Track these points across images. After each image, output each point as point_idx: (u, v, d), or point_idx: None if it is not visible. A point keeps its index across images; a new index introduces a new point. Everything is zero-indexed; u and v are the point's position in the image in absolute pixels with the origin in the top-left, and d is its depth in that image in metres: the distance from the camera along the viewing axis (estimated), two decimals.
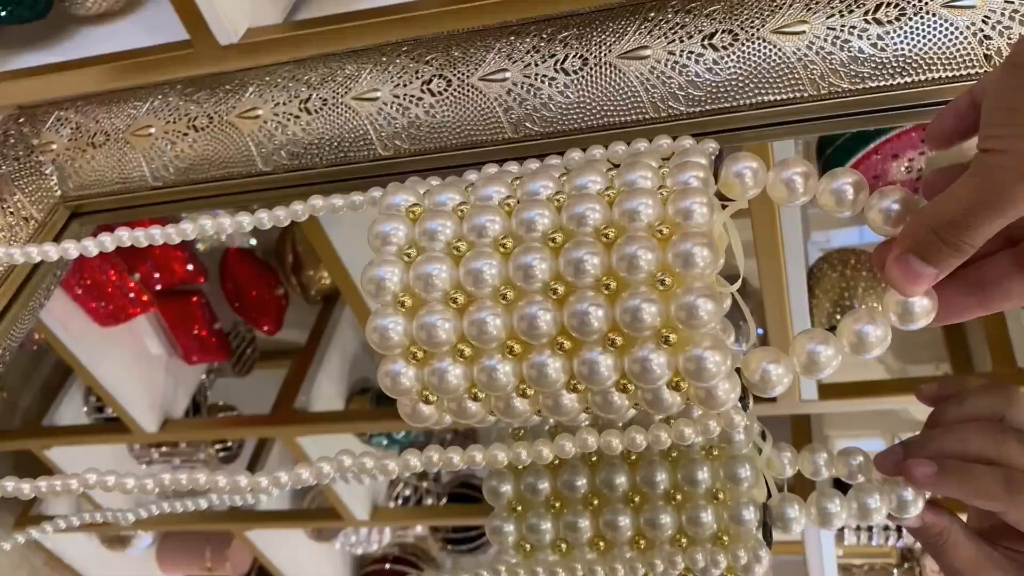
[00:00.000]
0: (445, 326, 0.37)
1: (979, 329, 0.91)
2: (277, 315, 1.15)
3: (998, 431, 0.39)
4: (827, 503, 0.41)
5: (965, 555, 0.40)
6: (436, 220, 0.38)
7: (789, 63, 0.47)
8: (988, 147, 0.29)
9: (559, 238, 0.36)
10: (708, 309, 0.34)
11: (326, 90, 0.55)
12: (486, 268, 0.36)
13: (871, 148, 0.75)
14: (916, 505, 0.40)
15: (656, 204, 0.35)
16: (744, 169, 0.37)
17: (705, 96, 0.49)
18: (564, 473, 0.45)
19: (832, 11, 0.46)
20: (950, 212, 0.31)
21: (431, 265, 0.37)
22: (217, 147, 0.58)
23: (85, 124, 0.61)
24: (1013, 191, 0.29)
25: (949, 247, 0.32)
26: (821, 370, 0.36)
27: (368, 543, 1.44)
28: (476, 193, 0.39)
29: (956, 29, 0.45)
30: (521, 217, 0.37)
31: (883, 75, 0.46)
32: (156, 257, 1.05)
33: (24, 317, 0.60)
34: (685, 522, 0.43)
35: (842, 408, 0.91)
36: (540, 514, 0.45)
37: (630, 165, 0.38)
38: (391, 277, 0.38)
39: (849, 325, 0.36)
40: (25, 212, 0.60)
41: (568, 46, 0.50)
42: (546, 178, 0.39)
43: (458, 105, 0.52)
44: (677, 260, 0.34)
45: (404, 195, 0.40)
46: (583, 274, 0.35)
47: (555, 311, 0.36)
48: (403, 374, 0.38)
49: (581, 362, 0.36)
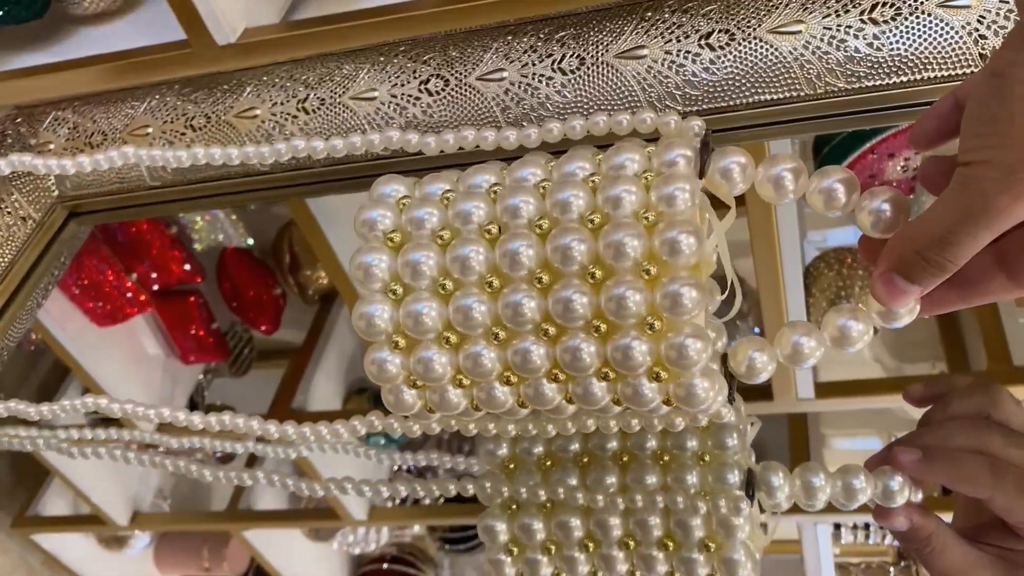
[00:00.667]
0: (431, 313, 0.37)
1: (975, 327, 0.91)
2: (275, 315, 1.15)
3: (982, 426, 0.40)
4: (811, 476, 0.42)
5: (953, 559, 0.40)
6: (423, 208, 0.38)
7: (785, 62, 0.47)
8: (969, 159, 0.29)
9: (545, 225, 0.36)
10: (692, 297, 0.34)
11: (324, 90, 0.55)
12: (472, 255, 0.37)
13: (867, 147, 0.75)
14: (903, 494, 0.40)
15: (639, 190, 0.35)
16: (732, 164, 0.37)
17: (702, 95, 0.49)
18: (556, 473, 0.45)
19: (828, 11, 0.46)
20: (934, 230, 0.31)
21: (418, 252, 0.37)
22: None
23: (82, 124, 0.61)
24: (997, 203, 0.28)
25: (933, 266, 0.31)
26: (804, 360, 0.37)
27: (366, 543, 1.44)
28: (464, 182, 0.39)
29: (951, 29, 0.45)
30: (506, 204, 0.37)
31: (879, 74, 0.46)
32: (154, 257, 1.04)
33: (22, 317, 0.60)
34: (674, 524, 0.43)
35: (838, 407, 0.91)
36: (532, 514, 0.45)
37: (617, 149, 0.38)
38: (379, 264, 0.38)
39: (833, 319, 0.36)
40: (23, 212, 0.60)
41: (565, 46, 0.50)
42: (533, 165, 0.39)
43: (456, 105, 0.52)
44: (663, 248, 0.34)
45: (395, 185, 0.41)
46: (569, 261, 0.35)
47: (540, 298, 0.36)
48: (389, 360, 0.39)
49: (564, 349, 0.36)
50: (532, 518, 0.45)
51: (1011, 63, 0.28)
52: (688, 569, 0.43)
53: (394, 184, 0.41)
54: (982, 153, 0.28)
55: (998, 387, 0.42)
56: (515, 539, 0.46)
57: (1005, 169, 0.28)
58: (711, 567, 0.43)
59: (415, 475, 1.34)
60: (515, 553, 0.46)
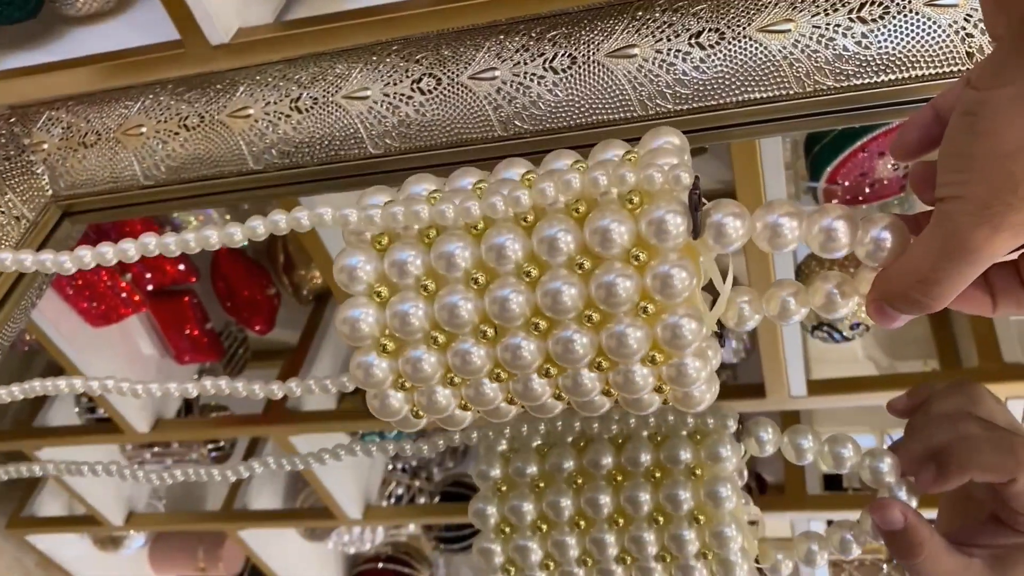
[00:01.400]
0: (418, 313, 0.37)
1: (966, 325, 0.92)
2: (269, 315, 1.16)
3: (958, 420, 0.40)
4: (800, 439, 0.42)
5: (945, 567, 0.39)
6: (408, 208, 0.38)
7: (775, 61, 0.48)
8: (944, 195, 0.29)
9: (530, 218, 0.36)
10: (683, 278, 0.34)
11: (317, 89, 0.55)
12: (458, 251, 0.36)
13: (858, 145, 0.75)
14: (891, 476, 0.40)
15: (626, 176, 0.35)
16: (725, 219, 0.35)
17: (692, 94, 0.49)
18: (552, 456, 0.45)
19: (817, 10, 0.47)
20: (917, 270, 0.31)
21: (404, 251, 0.37)
22: (208, 146, 0.58)
23: (76, 124, 0.61)
24: (974, 238, 0.28)
25: (919, 304, 0.32)
26: (791, 316, 0.37)
27: (361, 542, 1.44)
28: (450, 184, 0.39)
29: (939, 27, 0.46)
30: (489, 200, 0.37)
31: (867, 72, 0.47)
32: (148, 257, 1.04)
33: (16, 317, 0.60)
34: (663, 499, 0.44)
35: (831, 404, 0.92)
36: (523, 495, 0.45)
37: (602, 146, 0.38)
38: (364, 267, 0.38)
39: (821, 287, 0.36)
40: (16, 211, 0.60)
41: (557, 45, 0.51)
42: (519, 166, 0.39)
43: (448, 103, 0.53)
44: (650, 230, 0.34)
45: (382, 197, 0.41)
46: (557, 252, 0.35)
47: (528, 292, 0.36)
48: (375, 365, 0.38)
49: (556, 341, 0.36)
50: (523, 500, 0.45)
51: (980, 102, 0.28)
52: (678, 545, 0.43)
53: (380, 196, 0.41)
54: (956, 189, 0.29)
55: (977, 385, 0.42)
56: (506, 520, 0.46)
57: (979, 203, 0.28)
58: (701, 542, 0.43)
59: (410, 473, 1.35)
60: (506, 533, 0.46)
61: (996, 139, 0.27)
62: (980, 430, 0.39)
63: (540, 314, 0.36)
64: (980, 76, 0.28)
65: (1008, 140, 0.27)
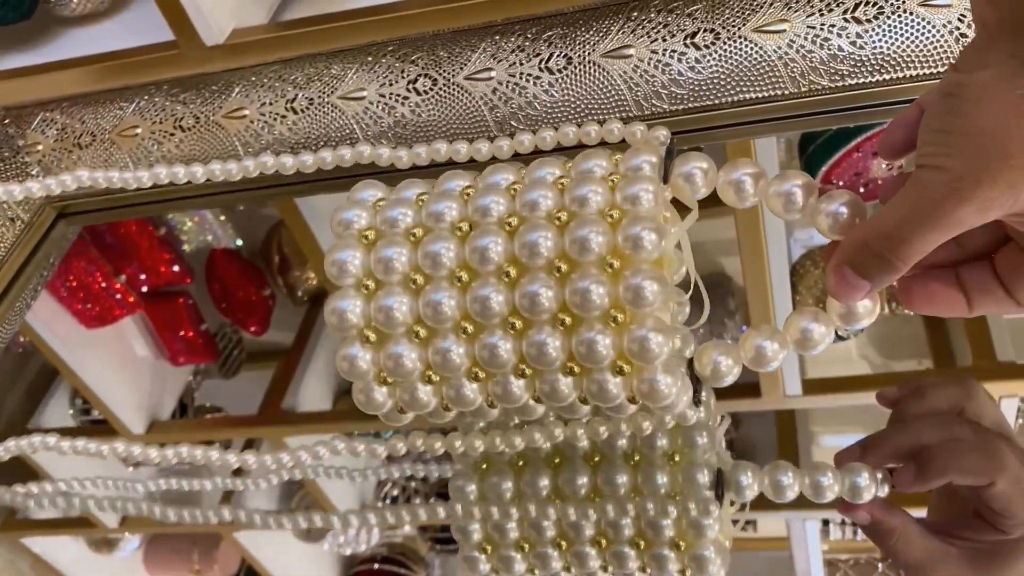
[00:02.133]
0: (402, 308, 0.38)
1: (960, 324, 0.92)
2: (264, 316, 1.15)
3: (952, 423, 0.41)
4: (780, 475, 0.42)
5: (917, 552, 0.41)
6: (397, 208, 0.39)
7: (770, 61, 0.48)
8: (923, 163, 0.31)
9: (514, 223, 0.37)
10: (654, 290, 0.35)
11: (312, 90, 0.55)
12: (443, 251, 0.37)
13: (852, 145, 0.76)
14: (870, 491, 0.41)
15: (605, 191, 0.36)
16: (694, 170, 0.38)
17: (688, 94, 0.49)
18: (527, 473, 0.46)
19: (812, 10, 0.47)
20: (885, 226, 0.32)
21: (390, 248, 0.38)
22: (204, 147, 0.58)
23: (71, 125, 0.61)
24: (944, 206, 0.29)
25: (882, 261, 0.32)
26: (768, 363, 0.37)
27: (356, 543, 1.44)
28: (439, 187, 0.40)
29: (933, 27, 0.46)
30: (477, 204, 0.38)
31: (862, 72, 0.47)
32: (142, 258, 1.04)
33: (10, 319, 0.60)
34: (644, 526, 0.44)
35: (826, 403, 0.92)
36: (505, 512, 0.46)
37: (585, 156, 0.38)
38: (353, 261, 0.39)
39: (795, 322, 0.37)
40: (11, 212, 0.60)
41: (552, 45, 0.51)
42: (507, 171, 0.39)
43: (444, 104, 0.53)
44: (627, 243, 0.35)
45: (372, 191, 0.41)
46: (536, 256, 0.36)
47: (508, 292, 0.37)
48: (360, 357, 0.39)
49: (530, 343, 0.37)
50: (505, 515, 0.46)
51: (960, 84, 0.29)
52: (654, 531, 0.44)
53: (371, 190, 0.41)
54: (935, 159, 0.30)
55: (973, 382, 0.43)
56: (489, 538, 0.47)
57: (953, 176, 0.29)
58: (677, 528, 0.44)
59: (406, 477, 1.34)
60: (489, 551, 0.47)
61: (973, 119, 0.29)
62: (964, 432, 0.40)
63: (518, 314, 0.37)
64: (963, 59, 0.30)
65: (983, 121, 0.28)
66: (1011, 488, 0.39)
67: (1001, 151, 0.28)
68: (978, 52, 0.29)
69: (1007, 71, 0.28)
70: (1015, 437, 0.43)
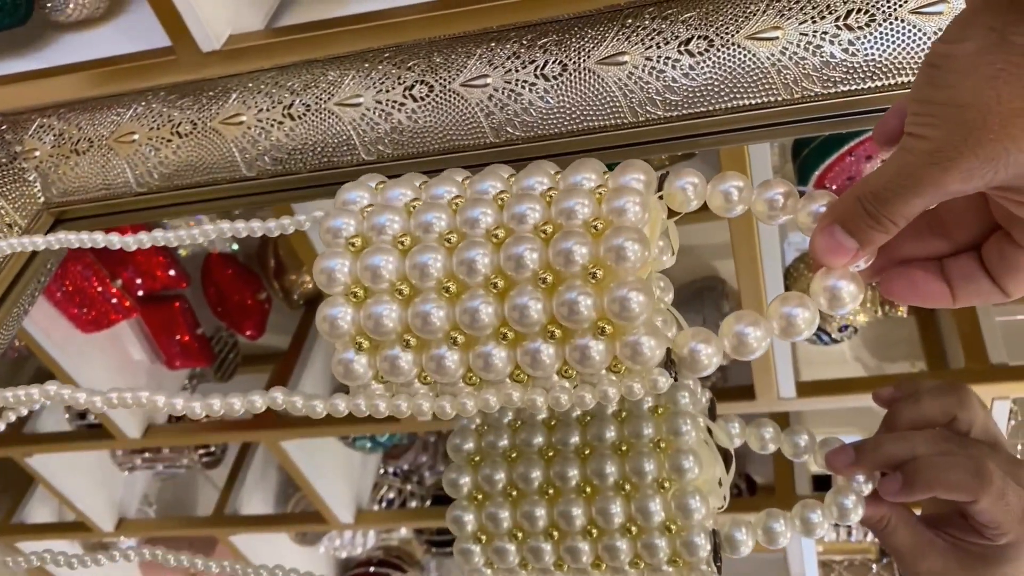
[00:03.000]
0: (392, 316, 0.38)
1: (952, 327, 0.93)
2: (260, 320, 1.16)
3: (942, 439, 0.41)
4: (772, 523, 0.43)
5: (906, 539, 0.42)
6: (385, 215, 0.39)
7: (763, 68, 0.48)
8: (910, 131, 0.31)
9: (501, 234, 0.37)
10: (640, 301, 0.35)
11: (309, 96, 0.56)
12: (431, 262, 0.37)
13: (845, 150, 0.76)
14: (856, 512, 0.42)
15: (592, 203, 0.36)
16: (686, 184, 0.38)
17: (682, 100, 0.50)
18: (520, 465, 0.46)
19: (804, 17, 0.47)
20: (875, 186, 0.32)
21: (378, 257, 0.38)
22: (201, 153, 0.58)
23: (68, 131, 0.61)
24: (927, 173, 0.30)
25: (871, 218, 0.33)
26: (751, 351, 0.36)
27: (352, 546, 1.44)
28: (427, 191, 0.40)
29: (924, 34, 0.46)
30: (466, 215, 0.38)
31: (854, 79, 0.48)
32: (138, 263, 1.04)
33: (8, 324, 0.60)
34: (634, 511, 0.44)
35: (820, 405, 0.92)
36: (499, 504, 0.46)
37: (575, 168, 0.39)
38: (341, 269, 0.39)
39: (778, 308, 0.36)
40: (8, 219, 0.60)
41: (548, 52, 0.51)
42: (494, 178, 0.40)
43: (440, 110, 0.53)
44: (609, 254, 0.35)
45: (359, 192, 0.41)
46: (523, 268, 0.36)
47: (496, 304, 0.37)
48: (355, 361, 0.39)
49: (524, 352, 0.37)
50: (499, 508, 0.46)
51: (943, 55, 0.30)
52: (644, 517, 0.44)
53: (357, 191, 0.42)
54: (920, 128, 0.31)
55: (967, 389, 0.44)
56: (483, 528, 0.47)
57: (935, 145, 0.30)
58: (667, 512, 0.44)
59: (400, 478, 1.35)
60: (483, 541, 0.47)
61: (953, 91, 0.29)
62: (953, 447, 0.41)
63: (507, 325, 0.37)
64: (947, 31, 0.31)
65: (963, 92, 0.29)
66: (995, 504, 0.39)
67: (981, 123, 0.29)
68: (961, 25, 0.30)
69: (987, 44, 0.29)
70: (1005, 446, 0.43)
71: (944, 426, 0.43)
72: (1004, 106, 0.28)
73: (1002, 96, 0.28)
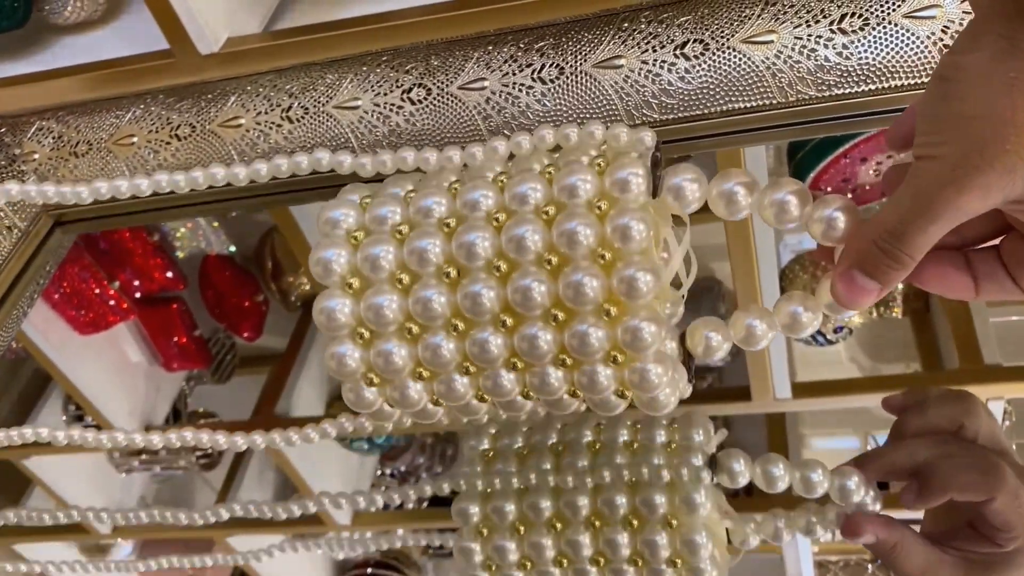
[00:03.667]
0: (392, 306, 0.38)
1: (947, 328, 0.93)
2: (257, 321, 1.16)
3: (946, 441, 0.42)
4: (771, 466, 0.43)
5: (917, 562, 0.42)
6: (385, 206, 0.39)
7: (758, 71, 0.49)
8: (919, 154, 0.30)
9: (502, 217, 0.37)
10: (647, 281, 0.35)
11: (307, 99, 0.56)
12: (430, 247, 0.37)
13: (840, 152, 0.76)
14: (859, 493, 0.42)
15: (593, 177, 0.36)
16: (683, 183, 0.37)
17: (677, 104, 0.50)
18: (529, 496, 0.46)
19: (799, 21, 0.48)
20: (889, 222, 0.31)
21: (377, 246, 0.38)
22: (200, 156, 0.59)
23: (67, 133, 0.61)
24: (942, 195, 0.29)
25: (889, 258, 0.32)
26: (758, 342, 0.37)
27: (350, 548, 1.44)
28: (426, 183, 0.40)
29: (917, 38, 0.47)
30: (466, 198, 0.37)
31: (848, 83, 0.48)
32: (136, 265, 1.05)
33: (7, 327, 0.60)
34: None
35: (816, 406, 0.93)
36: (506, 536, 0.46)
37: (572, 148, 0.39)
38: (338, 259, 0.39)
39: (784, 306, 0.37)
40: (8, 221, 0.61)
41: (545, 56, 0.52)
42: (492, 162, 0.40)
43: (438, 113, 0.53)
44: (615, 234, 0.35)
45: (359, 192, 0.42)
46: (525, 250, 0.36)
47: (498, 288, 0.37)
48: (349, 355, 0.39)
49: (521, 338, 0.37)
50: (505, 502, 0.46)
51: (955, 67, 0.29)
52: (651, 550, 0.44)
53: (359, 192, 0.42)
54: (930, 149, 0.30)
55: (973, 397, 0.44)
56: (487, 519, 0.47)
57: (948, 164, 0.29)
58: (672, 548, 0.44)
59: (398, 479, 1.35)
60: (484, 535, 0.47)
61: (965, 103, 0.28)
62: (964, 450, 0.41)
63: (509, 310, 0.37)
64: (957, 42, 0.30)
65: (975, 104, 0.28)
66: (1010, 504, 0.39)
67: (995, 135, 0.28)
68: (971, 34, 0.29)
69: (999, 52, 0.28)
70: (1012, 453, 0.43)
71: (951, 434, 0.43)
72: (1020, 115, 0.27)
73: (1017, 105, 0.27)
